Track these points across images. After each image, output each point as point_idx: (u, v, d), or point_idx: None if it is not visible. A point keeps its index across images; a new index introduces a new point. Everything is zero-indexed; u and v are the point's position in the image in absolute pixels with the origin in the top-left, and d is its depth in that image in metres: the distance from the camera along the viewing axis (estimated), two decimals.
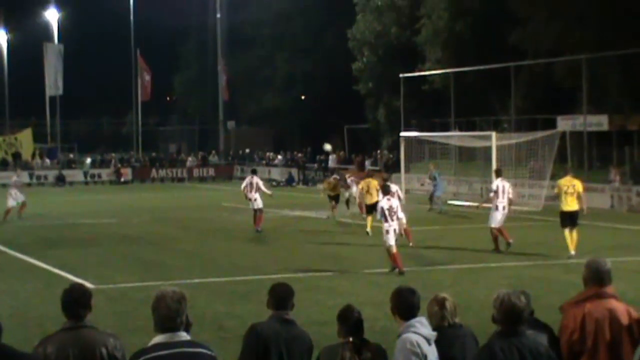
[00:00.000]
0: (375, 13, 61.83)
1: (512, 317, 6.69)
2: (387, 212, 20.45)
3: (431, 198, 38.51)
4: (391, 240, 20.26)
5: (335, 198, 34.79)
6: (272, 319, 7.73)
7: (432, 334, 7.12)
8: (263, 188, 30.80)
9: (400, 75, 51.30)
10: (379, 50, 61.94)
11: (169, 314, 6.17)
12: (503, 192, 24.50)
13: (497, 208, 24.23)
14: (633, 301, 7.74)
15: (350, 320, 7.41)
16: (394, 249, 20.27)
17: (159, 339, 6.21)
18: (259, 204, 29.93)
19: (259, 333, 7.62)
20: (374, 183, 29.74)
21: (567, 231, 22.79)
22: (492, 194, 24.71)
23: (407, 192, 42.69)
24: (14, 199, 34.79)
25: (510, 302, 6.72)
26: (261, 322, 7.79)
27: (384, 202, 20.93)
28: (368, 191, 29.93)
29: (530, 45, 49.47)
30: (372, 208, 27.72)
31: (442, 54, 55.74)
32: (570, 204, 23.03)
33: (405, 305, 7.25)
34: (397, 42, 60.48)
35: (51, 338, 6.77)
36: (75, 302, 6.87)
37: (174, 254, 24.77)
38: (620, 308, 7.59)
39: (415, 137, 45.18)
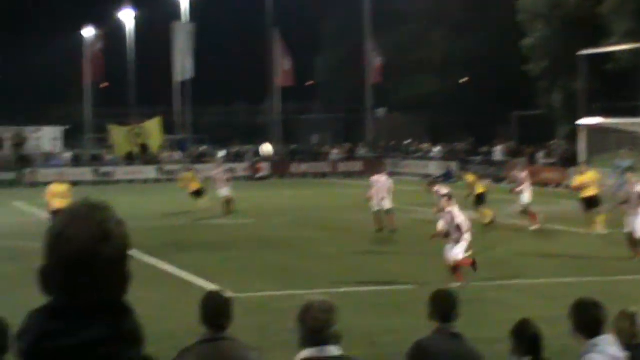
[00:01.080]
0: None
1: None
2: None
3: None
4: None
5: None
6: (438, 333, 7.71)
7: (622, 355, 7.00)
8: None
9: (580, 52, 50.36)
10: (555, 24, 60.87)
11: (317, 326, 6.25)
12: None
13: None
14: None
15: (527, 337, 7.35)
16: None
17: (306, 353, 6.30)
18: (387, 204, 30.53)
19: (426, 351, 7.61)
20: None
21: None
22: None
23: None
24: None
25: None
26: (427, 338, 7.77)
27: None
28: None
29: None
30: None
31: (631, 26, 54.38)
32: None
33: (588, 320, 7.15)
34: (576, 13, 59.30)
35: (190, 350, 6.96)
36: (217, 311, 7.05)
37: (317, 260, 25.01)
38: None
39: (597, 124, 44.28)
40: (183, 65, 71.78)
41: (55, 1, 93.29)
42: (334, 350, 6.28)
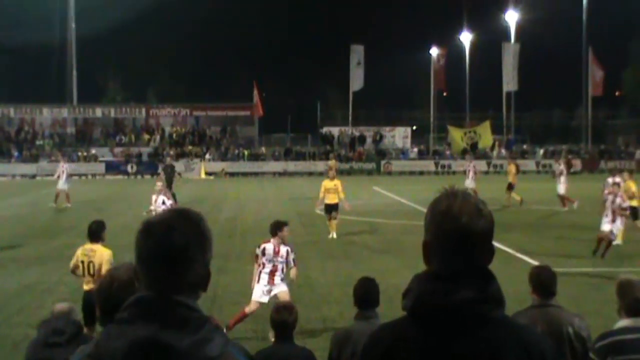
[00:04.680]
0: None
1: None
2: None
3: None
4: None
5: None
6: None
7: None
8: None
9: None
10: None
11: (638, 301, 5.98)
12: None
13: None
14: None
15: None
16: None
17: (626, 322, 6.04)
18: None
19: None
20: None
21: None
22: None
23: None
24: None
25: None
26: None
27: None
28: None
29: None
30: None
31: None
32: None
33: None
34: None
35: (522, 313, 6.85)
36: (545, 282, 6.90)
37: (626, 242, 23.90)
38: None
39: None
40: (510, 78, 71.32)
41: (409, 26, 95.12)
42: None
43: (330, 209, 25.39)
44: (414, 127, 76.72)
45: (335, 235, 24.90)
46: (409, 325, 2.93)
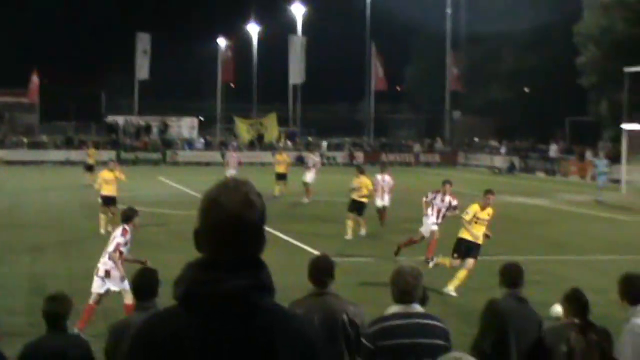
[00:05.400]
0: (602, 9, 59.60)
1: None
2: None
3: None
4: None
5: None
6: (507, 296, 7.65)
7: None
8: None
9: (625, 69, 49.23)
10: (604, 45, 59.67)
11: (407, 288, 6.24)
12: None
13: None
14: None
15: (577, 303, 7.23)
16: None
17: (395, 308, 6.29)
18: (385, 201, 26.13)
19: (497, 308, 7.58)
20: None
21: None
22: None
23: (627, 182, 41.18)
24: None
25: None
26: (499, 299, 7.72)
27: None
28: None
29: None
30: None
31: None
32: None
33: (633, 290, 6.99)
34: (621, 37, 58.03)
35: (299, 302, 7.00)
36: (322, 270, 7.08)
37: (400, 232, 24.77)
38: None
39: (638, 130, 43.30)
40: (296, 71, 72.39)
41: (194, 15, 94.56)
42: (418, 307, 6.27)
43: (108, 201, 24.06)
44: (201, 118, 76.45)
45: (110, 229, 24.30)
46: (180, 315, 2.93)
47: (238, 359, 2.88)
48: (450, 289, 15.94)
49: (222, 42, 79.49)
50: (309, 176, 35.20)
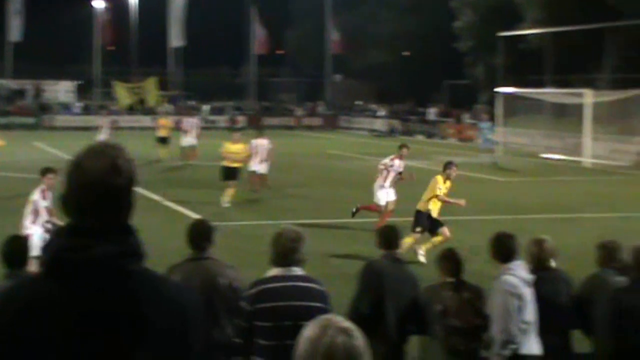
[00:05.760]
0: None
1: None
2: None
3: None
4: None
5: None
6: (384, 257, 7.76)
7: (530, 277, 7.06)
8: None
9: (499, 34, 50.36)
10: (480, 10, 60.90)
11: (285, 250, 6.26)
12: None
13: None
14: None
15: (451, 262, 7.40)
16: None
17: (274, 271, 6.31)
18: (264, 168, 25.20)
19: (374, 269, 7.67)
20: None
21: None
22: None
23: (503, 144, 42.28)
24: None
25: None
26: (376, 260, 7.82)
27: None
28: None
29: (627, 5, 47.98)
30: None
31: (540, 14, 54.48)
32: None
33: (504, 249, 7.19)
34: (497, 3, 59.33)
35: (178, 267, 6.96)
36: (200, 235, 7.04)
37: (283, 196, 25.00)
38: None
39: (511, 93, 44.43)
40: (177, 34, 71.42)
41: None
42: (297, 270, 6.29)
43: None
44: (79, 82, 74.67)
45: None
46: (47, 282, 2.85)
47: (106, 327, 2.82)
48: (422, 252, 15.72)
49: (99, 3, 77.59)
50: (188, 140, 35.12)
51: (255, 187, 24.55)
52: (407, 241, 15.03)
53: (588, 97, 37.59)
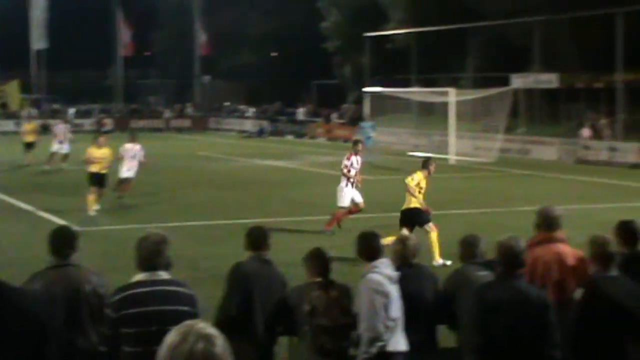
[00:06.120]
0: None
1: (510, 259, 6.59)
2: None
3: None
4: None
5: None
6: (252, 259, 7.73)
7: (395, 274, 7.15)
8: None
9: (365, 34, 51.08)
10: (346, 11, 61.66)
11: (149, 254, 6.18)
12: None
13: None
14: (580, 245, 7.81)
15: (318, 262, 7.43)
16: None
17: (140, 276, 6.22)
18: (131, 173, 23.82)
19: (242, 271, 7.64)
20: None
21: None
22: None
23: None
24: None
25: (508, 245, 6.60)
26: (244, 261, 7.78)
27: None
28: None
29: (487, 7, 49.43)
30: None
31: (404, 15, 55.54)
32: None
33: (368, 247, 7.26)
34: (362, 3, 60.17)
35: (40, 275, 6.77)
36: (62, 242, 6.87)
37: (152, 199, 24.69)
38: (567, 251, 7.70)
39: (378, 92, 45.12)
40: (39, 36, 69.64)
41: None
42: (163, 274, 6.21)
43: None
44: None
45: None
46: None
47: None
48: (439, 259, 15.52)
49: None
50: (59, 146, 34.26)
51: (122, 192, 23.85)
52: (432, 239, 15.85)
53: (452, 96, 38.50)
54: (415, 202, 16.47)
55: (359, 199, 19.47)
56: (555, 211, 7.90)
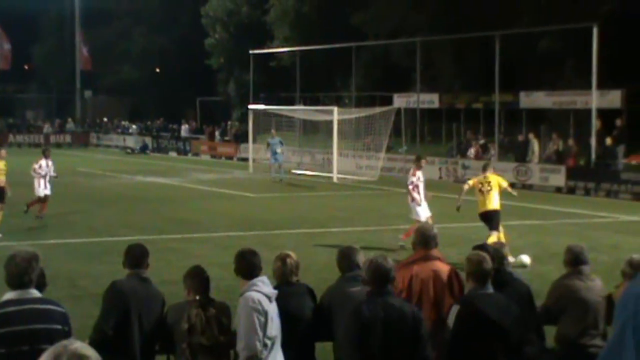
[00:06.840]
0: None
1: (380, 277, 6.73)
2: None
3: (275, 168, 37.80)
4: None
5: None
6: (130, 277, 7.61)
7: (273, 292, 7.14)
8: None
9: (250, 51, 51.13)
10: (231, 28, 61.65)
11: (18, 271, 6.04)
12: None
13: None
14: (457, 262, 7.99)
15: (197, 280, 7.37)
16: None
17: (9, 295, 6.06)
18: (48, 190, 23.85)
19: (119, 289, 7.51)
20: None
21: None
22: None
23: (254, 161, 42.86)
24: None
25: (377, 263, 6.76)
26: (121, 279, 7.66)
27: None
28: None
29: (371, 27, 50.20)
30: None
31: (289, 33, 55.88)
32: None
33: (247, 265, 7.23)
34: (247, 21, 60.30)
35: None
36: None
37: (28, 216, 24.01)
38: (443, 268, 7.85)
39: (263, 110, 45.17)
40: None
41: None
42: (34, 292, 6.06)
43: None
44: None
45: None
46: None
47: None
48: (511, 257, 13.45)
49: None
50: None
51: (42, 210, 23.30)
52: (501, 237, 17.33)
53: (336, 114, 38.83)
54: (490, 204, 18.34)
55: (427, 214, 19.67)
56: (432, 230, 8.06)
